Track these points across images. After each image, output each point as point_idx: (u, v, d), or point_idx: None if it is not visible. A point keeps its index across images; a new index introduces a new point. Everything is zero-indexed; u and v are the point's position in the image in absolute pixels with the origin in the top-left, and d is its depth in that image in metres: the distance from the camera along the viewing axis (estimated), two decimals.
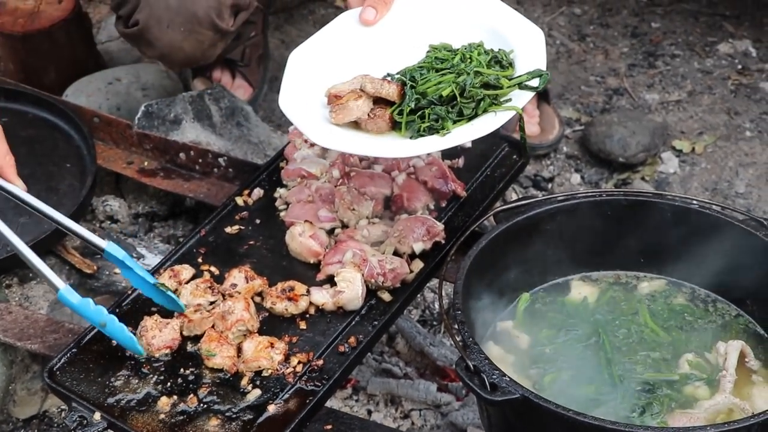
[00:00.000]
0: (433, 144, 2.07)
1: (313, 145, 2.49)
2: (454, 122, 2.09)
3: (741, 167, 3.17)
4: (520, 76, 2.11)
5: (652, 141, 3.18)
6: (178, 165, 2.74)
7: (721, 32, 3.72)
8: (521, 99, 2.08)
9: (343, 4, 3.97)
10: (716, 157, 3.22)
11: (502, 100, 2.09)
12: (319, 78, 2.22)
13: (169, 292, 2.10)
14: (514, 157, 2.50)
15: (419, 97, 2.12)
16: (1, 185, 2.07)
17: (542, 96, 3.27)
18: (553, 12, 3.87)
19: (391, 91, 2.13)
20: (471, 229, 2.15)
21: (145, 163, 2.77)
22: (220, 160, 2.69)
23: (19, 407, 2.41)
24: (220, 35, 2.87)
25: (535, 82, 2.10)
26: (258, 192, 2.44)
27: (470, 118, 2.09)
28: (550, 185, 3.15)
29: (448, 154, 2.46)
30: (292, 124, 2.57)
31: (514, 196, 3.03)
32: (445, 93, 2.09)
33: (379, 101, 2.14)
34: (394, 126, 2.13)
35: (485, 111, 2.09)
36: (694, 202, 2.13)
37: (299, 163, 2.45)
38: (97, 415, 1.96)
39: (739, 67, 3.56)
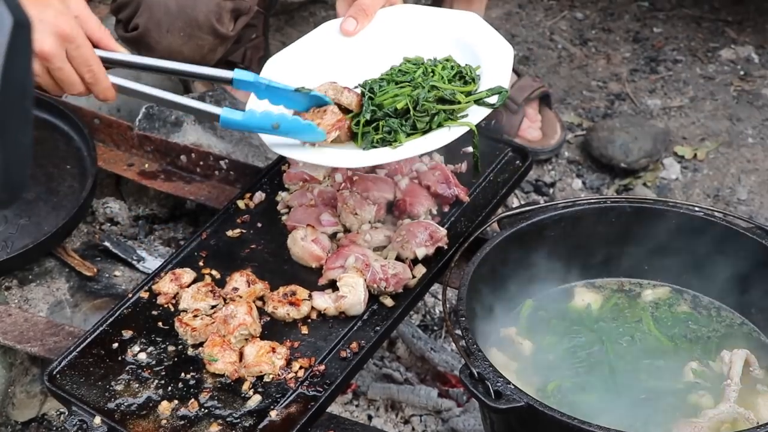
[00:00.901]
0: (384, 156, 2.09)
1: None
2: (408, 135, 2.10)
3: (743, 174, 3.16)
4: (479, 92, 2.12)
5: (654, 147, 3.18)
6: (179, 167, 2.73)
7: (724, 38, 3.72)
8: (477, 115, 2.10)
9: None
10: (718, 163, 3.21)
11: (458, 115, 2.11)
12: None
13: (313, 92, 2.10)
14: (518, 162, 2.49)
15: (375, 109, 2.14)
16: (111, 57, 2.08)
17: (544, 101, 3.26)
18: (555, 16, 3.87)
19: (350, 100, 2.16)
20: (474, 235, 2.15)
21: (146, 165, 2.76)
22: (222, 162, 2.68)
23: (18, 410, 2.40)
24: (220, 40, 2.86)
25: (493, 99, 2.11)
26: (260, 195, 2.43)
27: (424, 132, 2.11)
28: (551, 190, 3.14)
29: (451, 158, 2.45)
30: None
31: (516, 202, 3.02)
32: (399, 105, 2.12)
33: (343, 110, 2.16)
34: (353, 136, 2.16)
35: (440, 125, 2.11)
36: (698, 209, 2.12)
37: (301, 167, 2.44)
38: (98, 419, 1.94)
39: (742, 73, 3.56)
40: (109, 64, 2.10)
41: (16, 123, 1.22)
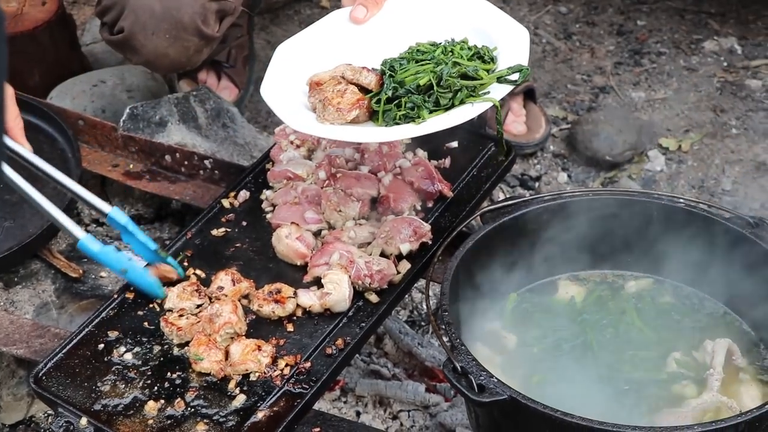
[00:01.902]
0: (407, 131, 2.09)
1: (299, 146, 2.49)
2: (431, 111, 2.10)
3: (727, 164, 3.18)
4: (501, 70, 2.13)
5: (638, 139, 3.19)
6: (164, 167, 2.73)
7: (707, 30, 3.73)
8: (499, 92, 2.10)
9: (328, 4, 3.96)
10: (702, 154, 3.23)
11: (480, 92, 2.10)
12: (304, 70, 2.24)
13: (169, 259, 2.13)
14: (501, 157, 2.49)
15: (397, 86, 2.13)
16: (11, 147, 2.09)
17: (529, 95, 3.27)
18: (539, 11, 3.87)
19: (369, 80, 2.15)
20: (458, 229, 2.15)
21: (131, 166, 2.76)
22: (206, 162, 2.68)
23: (6, 413, 2.40)
24: (205, 41, 2.86)
25: (515, 77, 2.11)
26: (244, 194, 2.43)
27: (447, 109, 2.10)
28: (537, 184, 3.15)
29: (435, 154, 2.46)
30: (278, 125, 2.58)
31: (502, 196, 3.03)
32: (422, 82, 2.11)
33: (361, 91, 2.16)
34: (372, 116, 2.15)
35: (462, 102, 2.10)
36: (681, 200, 2.13)
37: (285, 165, 2.44)
38: (84, 420, 1.94)
39: (725, 64, 3.56)
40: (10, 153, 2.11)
41: None
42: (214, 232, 2.34)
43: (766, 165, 3.15)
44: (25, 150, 2.13)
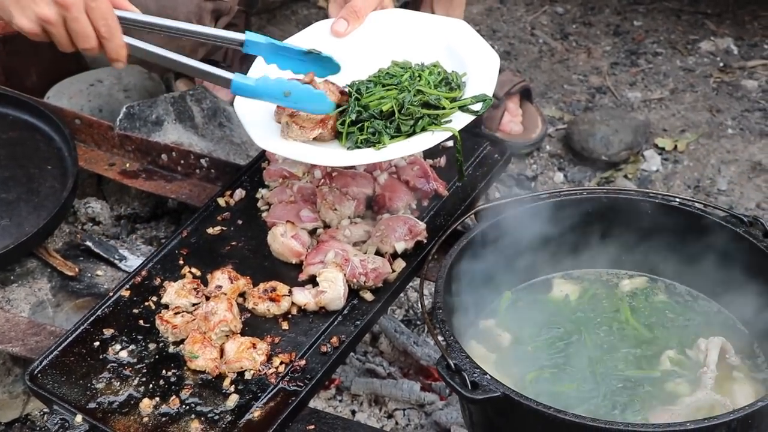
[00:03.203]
0: (367, 156, 2.12)
1: None
2: (392, 137, 2.13)
3: (723, 164, 3.18)
4: (464, 99, 2.15)
5: (634, 139, 3.19)
6: (160, 166, 2.74)
7: (703, 30, 3.74)
8: (460, 121, 2.12)
9: (325, 4, 3.97)
10: (698, 154, 3.23)
11: (442, 120, 2.13)
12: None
13: (323, 54, 2.14)
14: (496, 156, 2.50)
15: (361, 110, 2.17)
16: (125, 16, 2.07)
17: (525, 95, 3.28)
18: (536, 11, 3.88)
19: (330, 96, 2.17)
20: (453, 228, 2.16)
21: (127, 165, 2.76)
22: (202, 161, 2.68)
23: (1, 411, 2.40)
24: (200, 41, 2.86)
25: (477, 106, 2.13)
26: (240, 193, 2.43)
27: (408, 135, 2.13)
28: (533, 184, 3.15)
29: (430, 153, 2.46)
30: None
31: (498, 195, 3.03)
32: (385, 108, 2.15)
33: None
34: (338, 135, 2.18)
35: (423, 129, 2.13)
36: (676, 199, 2.14)
37: (281, 164, 2.45)
38: (79, 418, 1.95)
39: (721, 64, 3.57)
40: (124, 24, 2.08)
41: None
42: (210, 230, 2.35)
43: (761, 165, 3.16)
44: (138, 14, 2.11)
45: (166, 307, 2.15)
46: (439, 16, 2.49)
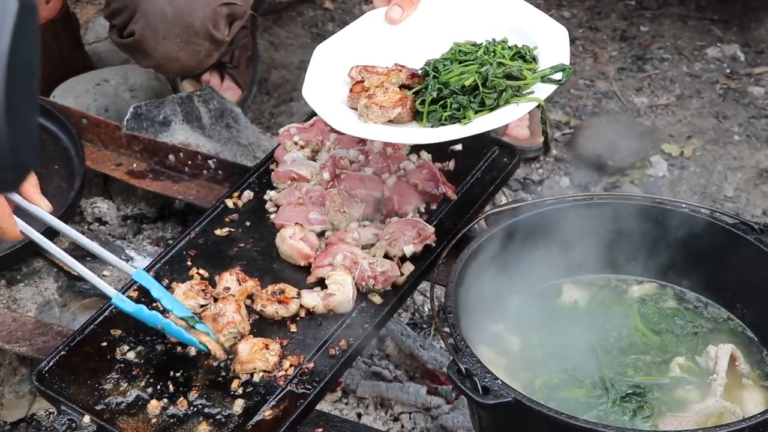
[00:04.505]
0: (455, 132, 2.09)
1: (303, 147, 2.49)
2: (476, 112, 2.11)
3: (729, 171, 3.18)
4: (544, 69, 2.14)
5: (641, 145, 3.19)
6: (167, 167, 2.73)
7: (710, 36, 3.73)
8: (543, 91, 2.11)
9: (332, 5, 3.97)
10: (705, 160, 3.23)
11: (524, 92, 2.11)
12: (343, 71, 2.25)
13: (199, 325, 2.07)
14: (505, 160, 2.50)
15: (441, 87, 2.15)
16: (24, 206, 2.05)
17: None
18: None
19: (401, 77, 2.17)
20: (462, 232, 2.15)
21: (134, 165, 2.76)
22: (210, 162, 2.68)
23: (7, 410, 2.40)
24: (216, 45, 2.86)
25: (558, 76, 2.12)
26: (248, 194, 2.43)
27: (492, 109, 2.11)
28: (539, 188, 3.15)
29: (439, 157, 2.46)
30: (281, 126, 2.58)
31: (504, 199, 3.03)
32: (467, 83, 2.12)
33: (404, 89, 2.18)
34: (416, 116, 2.16)
35: (507, 102, 2.11)
36: (684, 205, 2.13)
37: (289, 166, 2.44)
38: (87, 419, 1.94)
39: (728, 71, 3.57)
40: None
41: (23, 104, 1.23)
42: (218, 231, 2.35)
43: None
44: (39, 210, 2.08)
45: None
46: None
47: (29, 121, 1.25)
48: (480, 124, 2.08)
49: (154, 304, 2.09)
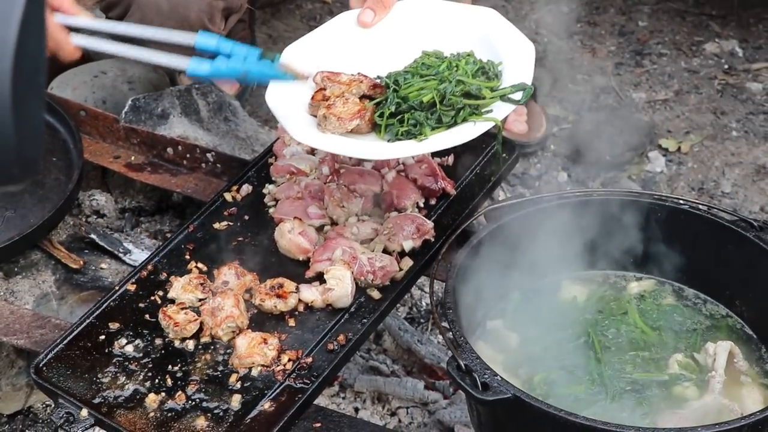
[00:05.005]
0: (409, 149, 2.09)
1: None
2: (433, 128, 2.10)
3: (727, 167, 3.18)
4: (504, 88, 2.12)
5: (639, 140, 3.20)
6: (166, 160, 2.73)
7: (708, 32, 3.74)
8: (502, 111, 2.09)
9: None
10: (703, 156, 3.23)
11: (483, 110, 2.10)
12: (310, 74, 2.22)
13: (278, 58, 2.10)
14: (504, 155, 2.49)
15: (400, 101, 2.14)
16: (70, 24, 2.05)
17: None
18: (541, 10, 3.87)
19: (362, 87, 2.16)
20: (461, 227, 2.15)
21: (132, 158, 2.75)
22: (208, 155, 2.67)
23: (4, 403, 2.40)
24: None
25: (518, 95, 2.11)
26: (246, 188, 2.43)
27: (449, 126, 2.10)
28: (537, 183, 3.15)
29: (438, 152, 2.46)
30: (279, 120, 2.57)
31: (502, 195, 3.03)
32: (425, 99, 2.11)
33: (364, 100, 2.16)
34: (375, 127, 2.15)
35: (465, 120, 2.10)
36: (683, 202, 2.13)
37: (288, 160, 2.44)
38: (84, 412, 1.94)
39: (726, 66, 3.57)
40: (73, 29, 2.07)
41: (29, 98, 1.22)
42: (217, 225, 2.34)
43: (766, 168, 3.16)
44: (85, 19, 2.09)
45: (173, 301, 2.14)
46: (466, 5, 2.47)
47: (35, 115, 1.25)
48: (434, 142, 2.07)
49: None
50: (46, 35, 1.25)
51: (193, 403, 1.96)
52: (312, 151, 2.47)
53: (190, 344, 2.07)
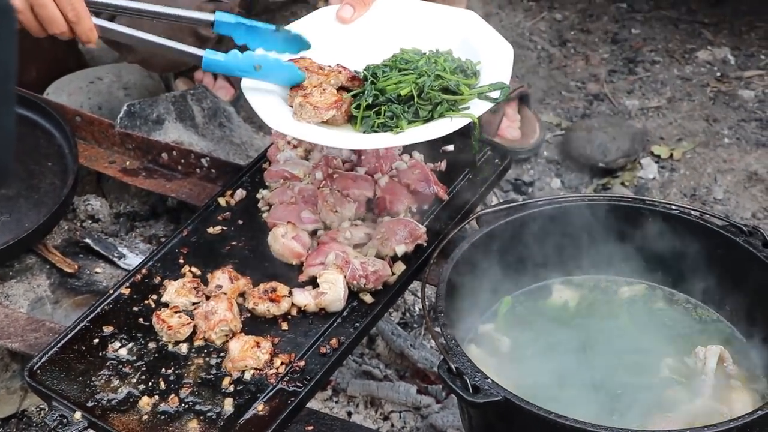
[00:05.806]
0: (384, 140, 2.10)
1: (296, 146, 2.50)
2: (409, 122, 2.11)
3: (719, 174, 3.20)
4: (482, 86, 2.14)
5: (631, 147, 3.21)
6: (161, 165, 2.74)
7: (700, 39, 3.75)
8: (479, 108, 2.11)
9: (324, 4, 3.97)
10: (695, 163, 3.25)
11: (460, 107, 2.11)
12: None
13: (294, 32, 2.18)
14: (496, 161, 2.51)
15: (378, 93, 2.15)
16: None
17: (523, 100, 3.29)
18: (534, 17, 3.89)
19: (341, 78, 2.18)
20: (453, 232, 2.16)
21: (127, 163, 2.76)
22: (203, 160, 2.69)
23: None
24: (200, 42, 2.86)
25: (495, 94, 2.12)
26: (240, 193, 2.44)
27: (426, 120, 2.11)
28: (530, 189, 3.16)
29: (431, 157, 2.47)
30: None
31: (495, 200, 3.04)
32: (403, 92, 2.12)
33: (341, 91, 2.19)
34: (351, 119, 2.16)
35: (441, 115, 2.11)
36: (674, 207, 2.15)
37: (282, 165, 2.45)
38: (78, 415, 1.95)
39: (718, 74, 3.59)
40: (93, 7, 2.10)
41: None
42: (211, 230, 2.35)
43: (757, 175, 3.18)
44: None
45: (166, 305, 2.16)
46: (446, 6, 2.49)
47: (6, 123, 1.24)
48: (410, 135, 2.08)
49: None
50: (16, 43, 1.24)
51: (186, 406, 1.97)
52: (306, 157, 2.49)
53: (184, 348, 2.08)
